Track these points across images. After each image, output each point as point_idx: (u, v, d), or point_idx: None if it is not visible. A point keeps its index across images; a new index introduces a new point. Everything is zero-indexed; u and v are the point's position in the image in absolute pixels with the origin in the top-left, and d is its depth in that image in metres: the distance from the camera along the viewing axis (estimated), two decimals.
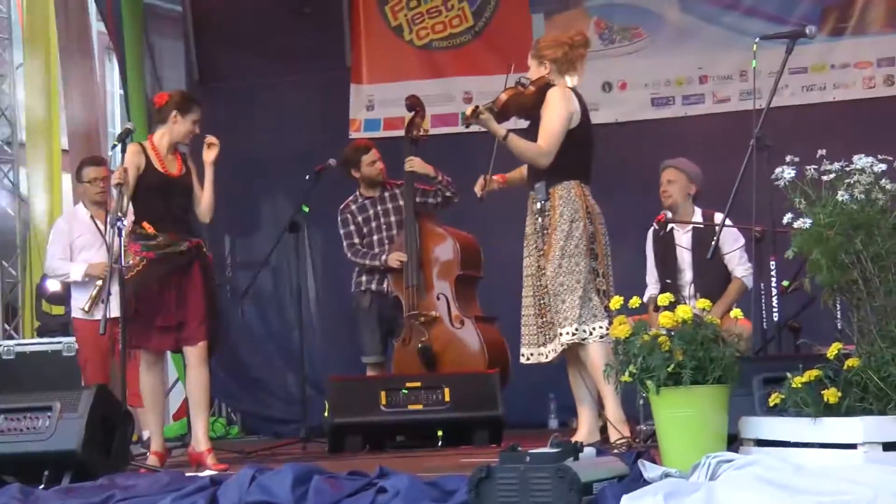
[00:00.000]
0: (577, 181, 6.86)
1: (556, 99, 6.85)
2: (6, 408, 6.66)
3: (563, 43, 7.01)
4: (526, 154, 6.88)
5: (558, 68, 6.98)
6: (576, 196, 6.82)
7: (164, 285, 7.34)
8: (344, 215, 9.24)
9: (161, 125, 7.62)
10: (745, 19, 10.18)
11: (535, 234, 6.93)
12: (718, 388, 5.30)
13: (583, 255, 6.76)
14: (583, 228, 6.78)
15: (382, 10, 11.22)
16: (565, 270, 6.75)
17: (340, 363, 10.25)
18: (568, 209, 6.80)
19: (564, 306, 6.74)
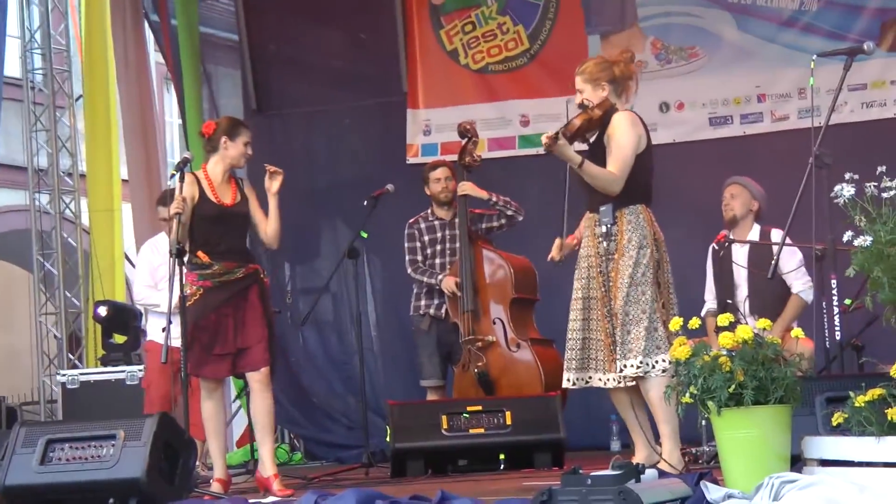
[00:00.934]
0: (644, 205, 6.75)
1: (625, 123, 6.73)
2: (71, 437, 6.70)
3: (615, 62, 6.91)
4: (599, 180, 6.69)
5: (615, 89, 6.86)
6: (644, 222, 6.69)
7: (221, 313, 7.37)
8: (411, 230, 9.26)
9: (213, 154, 7.65)
10: (803, 37, 10.11)
11: (597, 258, 6.76)
12: (780, 408, 5.26)
13: (649, 284, 6.61)
14: (650, 255, 6.64)
15: (438, 34, 11.25)
16: (632, 300, 6.60)
17: (401, 387, 10.26)
18: (636, 235, 6.66)
19: (630, 337, 6.58)
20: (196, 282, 7.39)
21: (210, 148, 7.66)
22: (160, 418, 6.71)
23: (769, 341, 5.36)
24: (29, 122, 12.17)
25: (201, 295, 7.39)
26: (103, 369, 10.50)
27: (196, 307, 7.36)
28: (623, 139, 6.70)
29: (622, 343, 6.60)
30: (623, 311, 6.59)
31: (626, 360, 6.57)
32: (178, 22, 11.67)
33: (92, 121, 12.20)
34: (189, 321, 7.32)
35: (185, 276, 7.36)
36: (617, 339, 6.62)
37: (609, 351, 6.68)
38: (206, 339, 7.36)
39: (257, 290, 7.48)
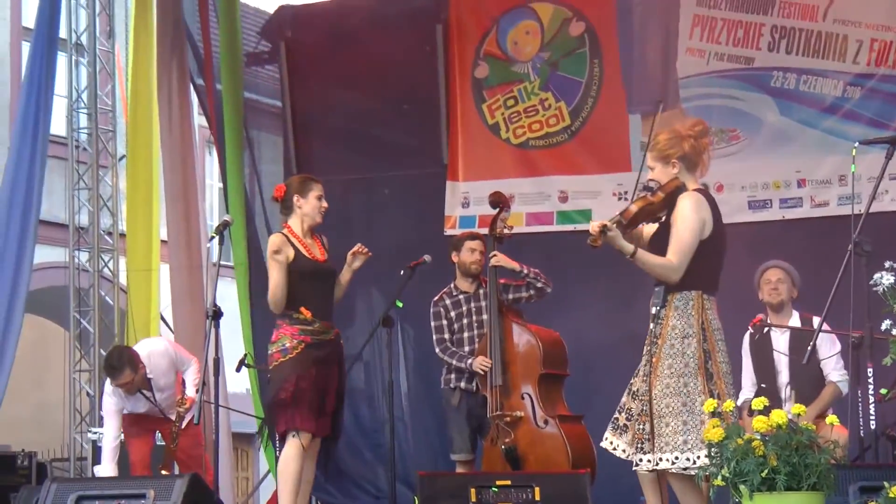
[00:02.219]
0: (699, 292, 6.47)
1: (689, 209, 6.44)
2: (100, 494, 6.75)
3: (687, 136, 6.60)
4: (655, 271, 6.46)
5: (686, 165, 6.60)
6: (693, 310, 6.42)
7: (320, 371, 7.46)
8: (437, 308, 9.26)
9: (289, 215, 7.73)
10: (845, 123, 10.13)
11: (648, 337, 6.56)
12: (813, 496, 5.24)
13: (693, 376, 6.35)
14: (696, 345, 6.39)
15: (480, 108, 11.32)
16: (672, 391, 6.36)
17: (430, 458, 10.25)
18: (681, 323, 6.43)
19: (668, 430, 6.33)
20: (297, 335, 7.45)
21: (285, 210, 7.74)
22: (191, 479, 6.74)
23: (804, 427, 5.35)
24: (72, 181, 12.26)
25: (303, 349, 7.45)
26: None
27: (298, 361, 7.47)
28: (684, 226, 6.43)
29: (659, 435, 6.36)
30: (662, 402, 6.37)
31: (662, 454, 6.33)
32: (223, 87, 11.78)
33: (134, 181, 12.28)
34: (290, 375, 7.43)
35: (283, 329, 7.46)
36: (654, 429, 6.39)
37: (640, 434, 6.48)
38: (313, 396, 7.46)
39: (341, 354, 7.61)
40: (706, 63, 10.63)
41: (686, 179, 6.61)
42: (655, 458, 6.37)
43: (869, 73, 10.16)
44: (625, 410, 6.62)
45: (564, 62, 11.12)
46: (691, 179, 6.62)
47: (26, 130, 10.81)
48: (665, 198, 6.54)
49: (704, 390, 6.33)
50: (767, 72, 10.46)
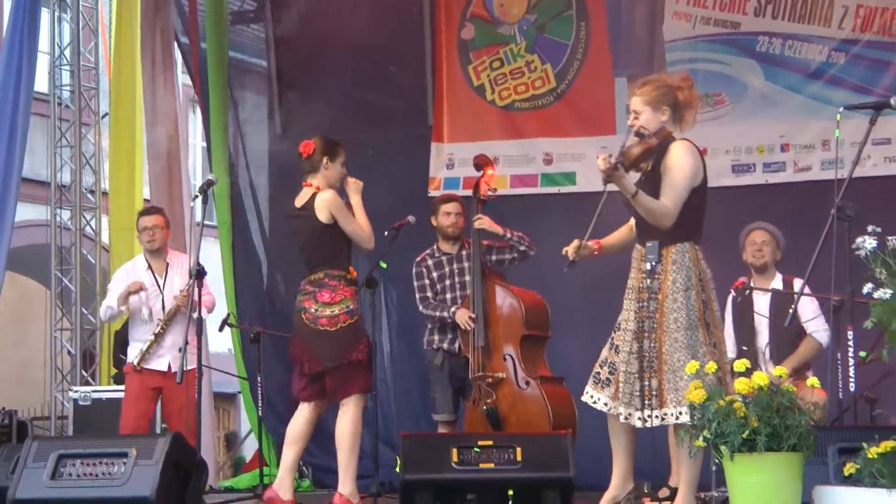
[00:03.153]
0: (692, 243, 6.47)
1: (683, 154, 6.45)
2: (83, 453, 6.75)
3: (679, 87, 6.59)
4: (653, 213, 6.40)
5: (674, 114, 6.58)
6: (690, 261, 6.42)
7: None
8: (419, 268, 9.27)
9: (312, 174, 7.69)
10: (829, 89, 10.15)
11: (643, 292, 6.50)
12: (793, 456, 5.27)
13: (696, 328, 6.36)
14: (696, 297, 6.39)
15: (466, 70, 11.30)
16: (681, 345, 6.33)
17: (413, 419, 10.26)
18: (681, 276, 6.39)
19: (682, 384, 6.24)
20: (355, 297, 7.63)
21: (309, 168, 7.69)
22: (173, 438, 6.74)
23: (784, 389, 5.37)
24: (54, 138, 12.22)
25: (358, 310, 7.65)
26: (116, 387, 10.52)
27: (363, 323, 7.73)
28: (679, 171, 6.42)
29: (675, 389, 6.30)
30: (673, 356, 6.34)
31: (681, 407, 6.22)
32: (208, 46, 11.74)
33: (117, 139, 12.24)
34: (363, 336, 7.67)
35: (342, 290, 7.55)
36: (667, 384, 6.34)
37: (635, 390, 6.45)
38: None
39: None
40: (692, 27, 10.64)
41: (674, 131, 6.59)
42: (672, 411, 6.33)
43: (854, 39, 10.18)
44: (607, 364, 6.61)
45: (551, 25, 11.11)
46: (678, 131, 6.60)
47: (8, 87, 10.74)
48: (658, 145, 6.51)
49: (705, 340, 6.37)
50: (753, 36, 10.48)
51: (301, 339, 7.57)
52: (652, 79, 6.70)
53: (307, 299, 7.54)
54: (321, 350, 7.50)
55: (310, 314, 7.50)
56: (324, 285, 7.53)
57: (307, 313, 7.52)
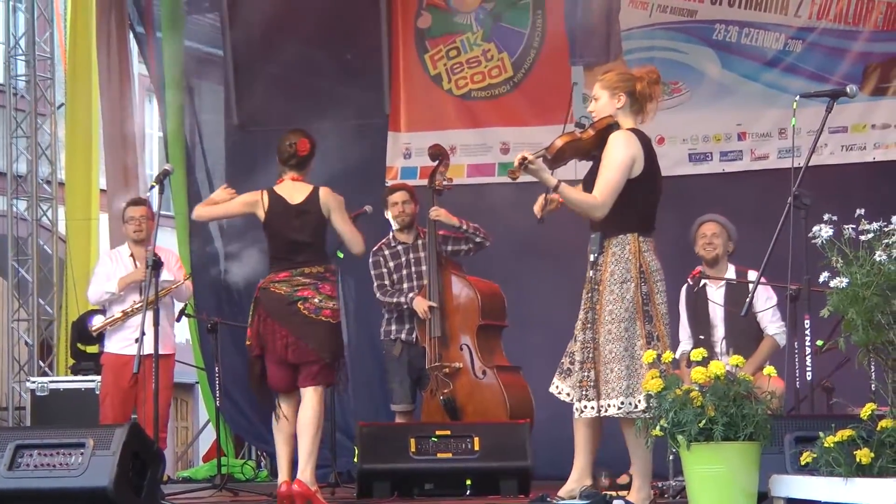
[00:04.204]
0: (635, 234, 6.38)
1: (617, 145, 6.35)
2: (39, 443, 6.71)
3: (640, 77, 6.53)
4: (579, 206, 6.37)
5: (631, 104, 6.50)
6: (630, 253, 6.35)
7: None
8: (376, 257, 9.26)
9: (300, 170, 7.73)
10: (786, 77, 10.20)
11: (587, 283, 6.49)
12: (750, 445, 5.29)
13: (633, 320, 6.32)
14: (634, 290, 6.33)
15: (422, 58, 11.29)
16: (615, 337, 6.33)
17: (370, 409, 10.26)
18: (619, 268, 6.36)
19: (612, 376, 6.29)
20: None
21: (298, 164, 7.74)
22: (130, 428, 6.71)
23: (741, 378, 5.39)
24: (10, 129, 12.14)
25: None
26: (74, 378, 10.47)
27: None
28: (611, 162, 6.34)
29: (605, 381, 6.32)
30: (605, 348, 6.34)
31: (609, 400, 6.29)
32: (164, 35, 11.69)
33: (73, 129, 12.17)
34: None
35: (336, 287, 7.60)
36: (599, 375, 6.34)
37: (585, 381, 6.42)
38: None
39: None
40: (649, 15, 10.67)
41: (625, 120, 6.52)
42: (602, 404, 6.33)
43: (810, 27, 10.23)
44: (569, 355, 6.60)
45: (508, 13, 11.12)
46: (631, 122, 6.53)
47: None
48: (595, 135, 6.46)
49: (643, 333, 6.33)
50: (710, 24, 10.52)
51: (287, 328, 7.46)
52: (615, 66, 6.70)
53: (306, 289, 7.48)
54: (319, 341, 7.46)
55: (311, 304, 7.46)
56: (325, 279, 7.52)
57: (307, 303, 7.46)
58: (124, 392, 9.15)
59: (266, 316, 7.48)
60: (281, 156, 7.74)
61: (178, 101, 11.68)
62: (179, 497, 8.10)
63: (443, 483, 8.10)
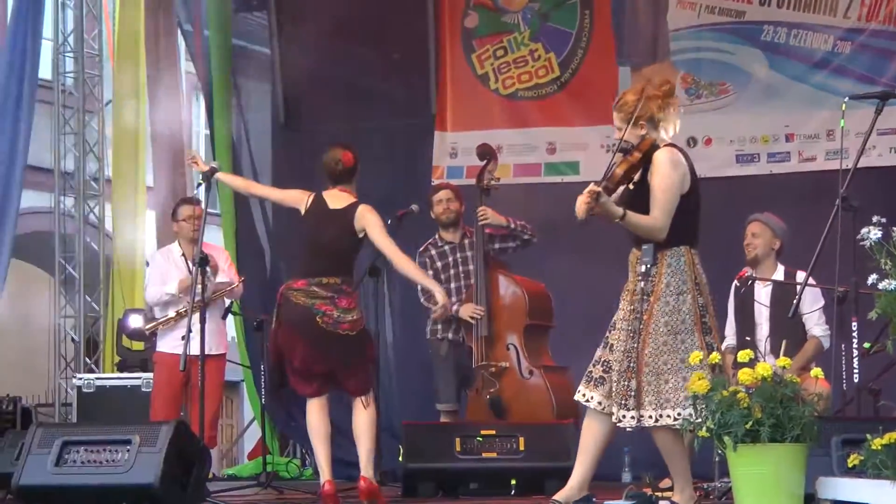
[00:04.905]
0: (688, 247, 6.37)
1: (667, 165, 6.34)
2: (86, 440, 6.76)
3: (654, 96, 6.48)
4: (644, 229, 6.35)
5: (651, 125, 6.46)
6: (686, 265, 6.32)
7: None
8: (422, 258, 9.26)
9: (345, 183, 7.73)
10: (834, 78, 10.13)
11: (636, 294, 6.41)
12: (796, 447, 5.27)
13: (690, 332, 6.27)
14: (691, 302, 6.29)
15: (469, 58, 11.28)
16: (670, 349, 6.26)
17: (415, 408, 10.25)
18: (675, 280, 6.31)
19: (668, 387, 6.19)
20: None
21: (344, 176, 7.74)
22: (176, 426, 6.74)
23: (788, 380, 5.37)
24: (58, 125, 12.21)
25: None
26: (119, 375, 10.55)
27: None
28: (664, 183, 6.33)
29: (657, 392, 6.24)
30: (659, 359, 6.26)
31: (664, 411, 6.21)
32: (211, 33, 11.74)
33: (120, 127, 12.25)
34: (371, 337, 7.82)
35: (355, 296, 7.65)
36: (646, 386, 6.26)
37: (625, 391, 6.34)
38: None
39: None
40: (697, 16, 10.62)
41: (656, 137, 6.50)
42: (650, 413, 6.25)
43: (859, 28, 10.16)
44: (601, 363, 6.52)
45: (555, 13, 11.10)
46: (661, 138, 6.51)
47: (12, 74, 10.74)
48: (642, 157, 6.43)
49: (702, 345, 6.25)
50: (758, 25, 10.46)
51: (307, 341, 7.49)
52: (626, 96, 6.63)
53: (324, 304, 7.47)
54: (340, 353, 7.49)
55: (329, 319, 7.47)
56: (341, 292, 7.51)
57: (326, 317, 7.47)
58: (176, 390, 9.17)
59: (286, 326, 7.52)
60: (329, 173, 7.73)
61: (224, 99, 11.73)
62: (224, 494, 8.13)
63: (488, 483, 8.12)
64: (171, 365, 9.07)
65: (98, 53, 12.63)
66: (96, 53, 12.61)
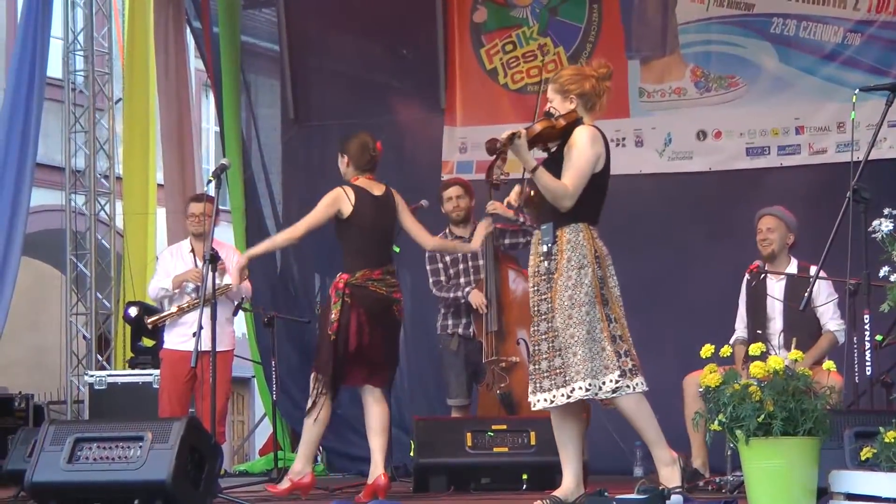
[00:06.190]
0: (586, 224, 6.47)
1: (587, 140, 6.45)
2: (98, 436, 6.75)
3: (590, 76, 6.61)
4: (551, 191, 6.44)
5: (584, 103, 6.59)
6: (584, 240, 6.42)
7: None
8: (432, 253, 9.26)
9: (371, 172, 7.73)
10: (845, 70, 10.11)
11: (537, 276, 6.55)
12: (809, 441, 5.26)
13: (594, 304, 6.37)
14: (592, 274, 6.38)
15: (478, 53, 11.29)
16: (576, 321, 6.35)
17: (426, 403, 10.27)
18: (576, 254, 6.41)
19: (576, 359, 6.32)
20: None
21: (370, 166, 7.73)
22: (188, 422, 6.74)
23: (800, 373, 5.36)
24: (68, 124, 12.24)
25: None
26: (131, 372, 10.57)
27: None
28: (582, 154, 6.45)
29: (570, 365, 6.35)
30: (566, 332, 6.37)
31: (574, 384, 6.34)
32: (220, 30, 11.74)
33: (130, 124, 12.27)
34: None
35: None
36: (564, 360, 6.37)
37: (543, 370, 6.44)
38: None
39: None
40: (706, 9, 10.61)
41: (584, 117, 6.60)
42: (568, 389, 6.35)
43: (869, 20, 10.14)
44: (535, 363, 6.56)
45: (563, 7, 11.10)
46: (588, 118, 6.60)
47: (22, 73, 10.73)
48: (564, 126, 6.56)
49: (603, 316, 6.37)
50: (767, 18, 10.45)
51: (385, 330, 7.57)
52: (564, 70, 6.78)
53: (398, 292, 7.60)
54: (396, 342, 7.65)
55: (400, 308, 7.62)
56: (396, 280, 7.63)
57: (399, 306, 7.62)
58: (182, 387, 9.19)
59: (364, 315, 7.49)
60: (365, 159, 7.72)
61: (234, 95, 11.74)
62: (236, 490, 8.13)
63: (499, 477, 8.11)
64: (175, 361, 9.11)
65: (108, 51, 12.65)
66: (106, 51, 12.65)
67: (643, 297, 9.71)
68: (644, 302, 9.72)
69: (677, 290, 10.17)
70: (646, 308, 9.50)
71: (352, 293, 7.49)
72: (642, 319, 9.37)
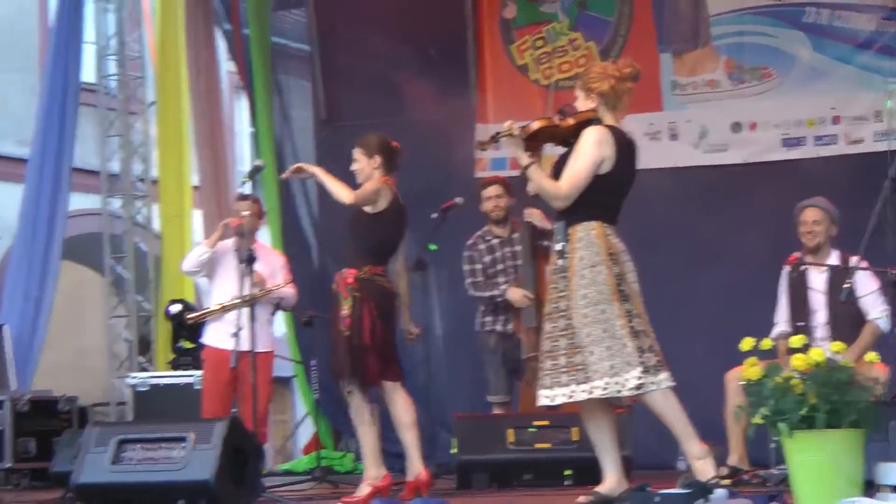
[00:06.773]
0: (599, 222, 6.43)
1: (591, 141, 6.40)
2: (142, 437, 6.82)
3: (611, 75, 6.55)
4: (543, 190, 6.49)
5: (605, 102, 6.52)
6: (596, 237, 6.40)
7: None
8: (470, 252, 9.26)
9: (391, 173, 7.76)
10: (880, 58, 10.06)
11: (556, 274, 6.54)
12: (853, 433, 5.23)
13: (609, 301, 6.34)
14: (606, 272, 6.35)
15: (508, 49, 11.29)
16: (592, 320, 6.33)
17: (466, 401, 10.27)
18: (588, 252, 6.38)
19: (594, 358, 6.31)
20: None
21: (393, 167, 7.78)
22: (230, 422, 6.79)
23: (843, 364, 5.34)
24: (103, 128, 12.29)
25: None
26: (173, 373, 10.61)
27: None
28: (581, 157, 6.40)
29: (588, 364, 6.34)
30: (582, 331, 6.36)
31: (593, 382, 6.32)
32: (251, 31, 11.79)
33: (164, 127, 12.30)
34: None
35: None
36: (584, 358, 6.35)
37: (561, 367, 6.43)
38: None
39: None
40: None
41: (605, 116, 6.56)
42: (589, 387, 6.35)
43: None
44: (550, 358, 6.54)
45: (593, 1, 11.08)
46: (610, 118, 6.56)
47: (56, 78, 10.83)
48: (575, 125, 6.53)
49: (622, 313, 6.35)
50: (800, 7, 10.41)
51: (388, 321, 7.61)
52: (592, 67, 6.77)
53: (395, 286, 7.70)
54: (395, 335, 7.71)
55: (399, 302, 7.76)
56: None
57: (398, 300, 7.74)
58: (223, 387, 9.17)
59: (375, 309, 7.52)
60: (396, 161, 7.80)
61: (266, 97, 11.78)
62: (280, 489, 8.17)
63: (542, 473, 8.12)
64: (217, 361, 9.09)
65: (140, 55, 12.70)
66: (138, 56, 12.69)
67: (679, 289, 9.72)
68: (679, 294, 9.72)
69: (714, 283, 10.13)
70: (681, 300, 9.51)
71: (361, 287, 7.52)
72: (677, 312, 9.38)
